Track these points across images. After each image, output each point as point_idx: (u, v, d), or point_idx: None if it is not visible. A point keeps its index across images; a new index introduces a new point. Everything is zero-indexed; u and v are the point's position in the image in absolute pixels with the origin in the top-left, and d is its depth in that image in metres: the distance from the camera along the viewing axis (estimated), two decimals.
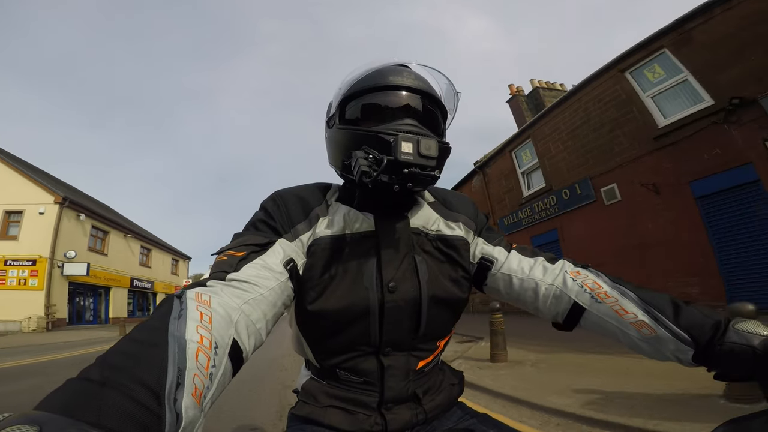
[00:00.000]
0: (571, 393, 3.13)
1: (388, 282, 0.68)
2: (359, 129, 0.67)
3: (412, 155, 0.61)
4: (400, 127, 0.65)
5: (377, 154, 0.62)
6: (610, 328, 0.64)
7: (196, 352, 0.38)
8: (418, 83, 0.70)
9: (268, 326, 0.56)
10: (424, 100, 0.70)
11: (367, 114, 0.70)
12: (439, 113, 0.73)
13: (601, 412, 2.63)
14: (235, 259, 0.58)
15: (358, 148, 0.65)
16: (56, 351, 8.29)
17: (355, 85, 0.70)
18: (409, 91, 0.69)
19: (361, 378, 0.69)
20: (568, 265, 0.73)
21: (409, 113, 0.69)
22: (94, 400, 0.28)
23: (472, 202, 0.85)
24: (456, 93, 0.74)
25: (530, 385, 3.56)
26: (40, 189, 15.88)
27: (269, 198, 0.73)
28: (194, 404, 0.35)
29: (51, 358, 7.16)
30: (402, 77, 0.69)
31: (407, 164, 0.61)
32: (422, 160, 0.62)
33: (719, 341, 0.54)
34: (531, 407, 3.04)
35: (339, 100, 0.72)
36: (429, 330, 0.71)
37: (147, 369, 0.33)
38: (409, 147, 0.61)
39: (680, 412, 2.40)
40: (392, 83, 0.68)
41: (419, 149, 0.61)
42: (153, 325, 0.40)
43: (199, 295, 0.47)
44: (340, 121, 0.72)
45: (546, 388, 3.36)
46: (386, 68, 0.71)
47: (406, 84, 0.69)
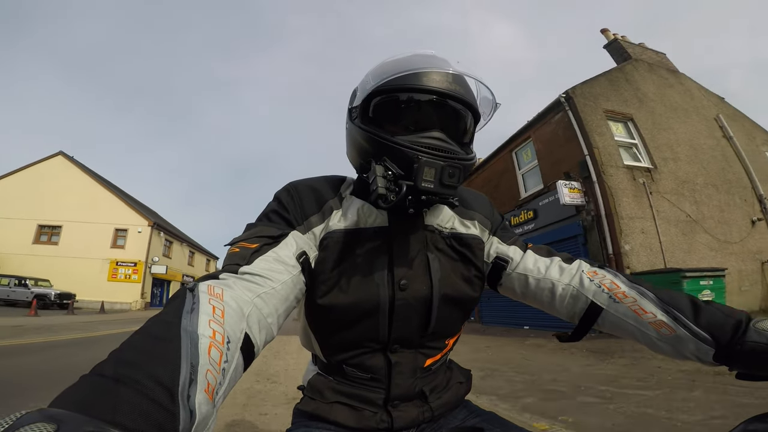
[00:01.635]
0: None
1: (399, 279, 0.66)
2: (381, 137, 0.63)
3: (433, 183, 0.59)
4: (427, 140, 0.62)
5: (397, 171, 0.60)
6: (629, 328, 0.63)
7: (209, 348, 0.38)
8: (455, 88, 0.64)
9: (279, 321, 0.56)
10: (459, 108, 0.65)
11: (394, 116, 0.65)
12: (472, 118, 0.68)
13: None
14: (248, 251, 0.58)
15: (378, 156, 0.63)
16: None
17: (387, 79, 0.63)
18: (444, 97, 0.63)
19: (368, 374, 0.68)
20: (585, 265, 0.72)
21: (439, 123, 0.65)
22: (108, 397, 0.28)
23: (489, 201, 0.83)
24: (496, 104, 0.70)
25: None
26: (138, 215, 23.13)
27: (283, 189, 0.71)
28: (207, 400, 0.34)
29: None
30: (439, 81, 0.63)
31: (427, 192, 0.59)
32: (443, 189, 0.60)
33: (740, 341, 0.53)
34: None
35: (366, 94, 0.66)
36: (438, 328, 0.70)
37: (160, 365, 0.33)
38: (431, 174, 0.59)
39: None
40: (428, 87, 0.63)
41: (442, 178, 0.59)
42: (166, 319, 0.40)
43: (212, 288, 0.46)
44: (363, 116, 0.67)
45: None
46: (424, 69, 0.63)
47: (442, 89, 0.63)
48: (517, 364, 5.11)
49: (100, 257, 21.95)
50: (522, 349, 6.61)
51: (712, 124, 11.00)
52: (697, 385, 3.42)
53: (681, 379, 3.69)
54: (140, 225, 23.08)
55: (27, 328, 8.77)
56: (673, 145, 9.61)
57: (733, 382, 3.12)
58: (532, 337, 8.36)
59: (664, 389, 3.40)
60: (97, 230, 22.18)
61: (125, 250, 22.47)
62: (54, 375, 3.93)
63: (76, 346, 6.39)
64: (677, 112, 10.56)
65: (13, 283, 17.05)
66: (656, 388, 3.42)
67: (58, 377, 3.75)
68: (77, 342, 6.98)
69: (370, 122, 0.67)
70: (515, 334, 9.20)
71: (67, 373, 3.11)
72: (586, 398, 3.27)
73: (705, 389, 3.26)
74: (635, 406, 2.95)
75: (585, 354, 5.60)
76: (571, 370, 4.52)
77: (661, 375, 3.93)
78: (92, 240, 21.84)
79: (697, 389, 3.27)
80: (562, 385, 3.78)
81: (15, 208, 21.39)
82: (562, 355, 5.72)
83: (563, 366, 4.82)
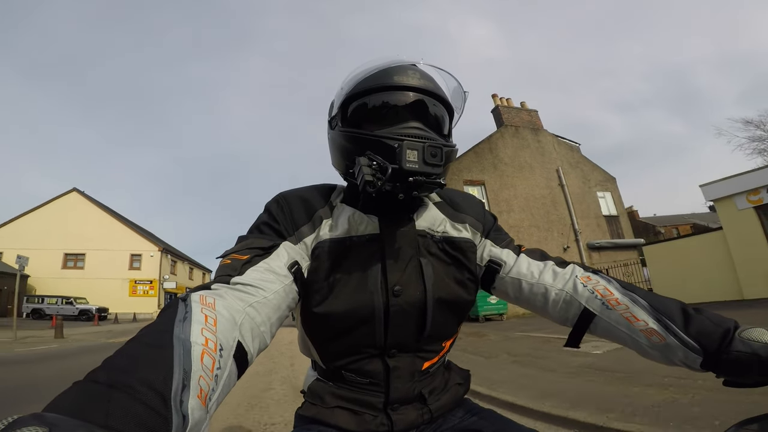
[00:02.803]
0: None
1: (393, 286, 0.67)
2: (362, 133, 0.65)
3: (417, 163, 0.60)
4: (405, 130, 0.64)
5: (381, 161, 0.60)
6: (621, 335, 0.64)
7: (201, 355, 0.38)
8: (424, 83, 0.67)
9: (272, 329, 0.55)
10: (431, 101, 0.68)
11: (370, 115, 0.67)
12: (446, 113, 0.71)
13: None
14: (239, 263, 0.58)
15: (361, 153, 0.63)
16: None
17: (358, 84, 0.67)
18: (415, 91, 0.66)
19: (367, 379, 0.69)
20: (579, 270, 0.72)
21: (414, 115, 0.66)
22: (101, 402, 0.29)
23: (480, 203, 0.83)
24: (464, 93, 0.72)
25: None
26: (149, 242, 28.16)
27: (273, 200, 0.72)
28: (200, 406, 0.35)
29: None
30: (408, 76, 0.66)
31: (412, 173, 0.60)
32: (428, 168, 0.60)
33: (726, 349, 0.54)
34: None
35: (341, 100, 0.69)
36: (434, 332, 0.70)
37: (153, 371, 0.33)
38: (414, 155, 0.59)
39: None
40: (397, 83, 0.66)
41: (424, 157, 0.60)
42: (158, 327, 0.40)
43: (204, 298, 0.47)
44: (343, 122, 0.70)
45: None
46: (391, 67, 0.67)
47: (412, 84, 0.66)
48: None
49: (120, 278, 26.86)
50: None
51: (552, 175, 16.75)
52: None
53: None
54: (152, 250, 28.12)
55: (102, 333, 13.16)
56: (510, 200, 14.97)
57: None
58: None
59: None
60: (116, 256, 27.07)
61: (141, 270, 27.46)
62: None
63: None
64: (523, 170, 16.10)
65: (61, 301, 21.97)
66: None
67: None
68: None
69: (349, 126, 0.69)
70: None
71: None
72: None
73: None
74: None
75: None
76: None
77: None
78: (112, 264, 26.71)
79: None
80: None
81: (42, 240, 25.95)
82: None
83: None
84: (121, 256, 27.29)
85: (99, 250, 26.84)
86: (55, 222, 26.87)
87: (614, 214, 17.36)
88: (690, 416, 2.46)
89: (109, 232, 27.48)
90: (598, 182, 17.99)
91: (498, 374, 4.30)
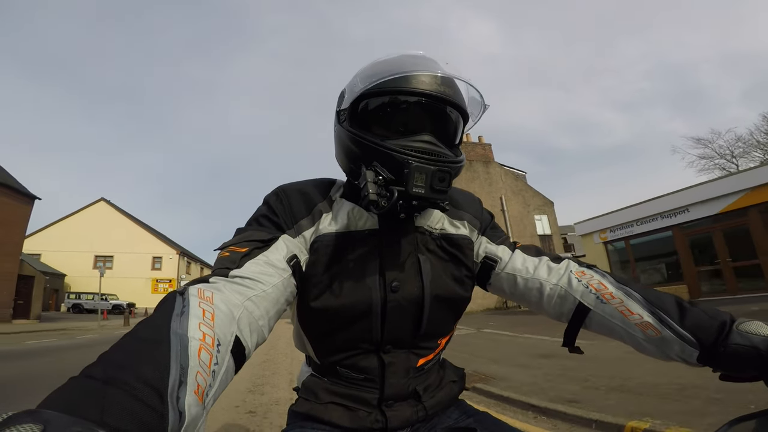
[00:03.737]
0: None
1: (391, 281, 0.67)
2: (371, 141, 0.63)
3: (423, 188, 0.59)
4: (417, 144, 0.62)
5: (387, 175, 0.60)
6: (616, 329, 0.63)
7: (199, 350, 0.38)
8: (445, 90, 0.64)
9: (270, 323, 0.55)
10: (449, 110, 0.66)
11: (382, 118, 0.65)
12: (462, 121, 0.69)
13: None
14: (237, 255, 0.58)
15: (368, 161, 0.62)
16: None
17: (376, 82, 0.63)
18: (435, 100, 0.63)
19: (362, 375, 0.69)
20: (573, 265, 0.72)
21: (429, 125, 0.65)
22: (97, 398, 0.28)
23: (478, 200, 0.83)
24: (485, 105, 0.70)
25: None
26: (168, 246, 32.61)
27: (272, 193, 0.71)
28: (197, 402, 0.34)
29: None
30: (429, 84, 0.63)
31: (418, 198, 0.59)
32: (434, 195, 0.60)
33: (723, 343, 0.53)
34: None
35: (355, 97, 0.65)
36: (430, 329, 0.70)
37: (150, 367, 0.33)
38: (422, 179, 0.58)
39: None
40: (418, 90, 0.62)
41: (432, 183, 0.59)
42: (155, 322, 0.39)
43: (202, 292, 0.46)
44: (352, 118, 0.67)
45: None
46: (413, 71, 0.63)
47: (432, 92, 0.62)
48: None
49: (143, 277, 31.35)
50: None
51: (496, 202, 20.78)
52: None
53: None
54: (171, 253, 32.70)
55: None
56: None
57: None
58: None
59: None
60: (140, 258, 31.57)
61: (161, 271, 32.02)
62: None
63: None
64: None
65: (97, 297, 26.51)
66: None
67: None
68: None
69: (359, 125, 0.66)
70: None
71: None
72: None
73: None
74: None
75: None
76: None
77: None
78: (137, 265, 31.20)
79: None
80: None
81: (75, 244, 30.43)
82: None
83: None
84: (145, 258, 31.83)
85: (125, 253, 31.37)
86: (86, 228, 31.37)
87: (548, 233, 21.49)
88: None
89: (134, 237, 32.01)
90: (537, 206, 22.06)
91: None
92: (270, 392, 4.25)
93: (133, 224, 32.97)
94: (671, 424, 2.37)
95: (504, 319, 11.14)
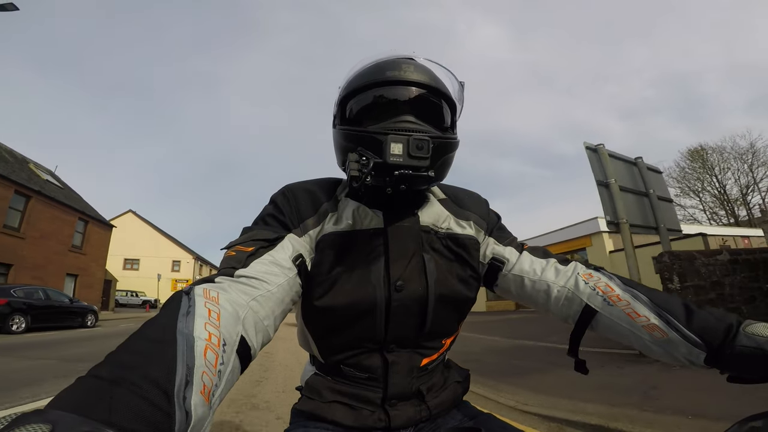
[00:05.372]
0: None
1: (395, 280, 0.67)
2: (354, 129, 0.66)
3: (401, 156, 0.59)
4: (397, 124, 0.64)
5: (371, 155, 0.61)
6: (623, 331, 0.63)
7: (205, 350, 0.38)
8: (418, 75, 0.66)
9: (276, 323, 0.56)
10: (427, 93, 0.67)
11: (365, 112, 0.68)
12: (447, 105, 0.70)
13: None
14: (243, 255, 0.58)
15: (355, 150, 0.64)
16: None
17: (353, 81, 0.69)
18: (408, 84, 0.66)
19: (366, 374, 0.69)
20: (580, 267, 0.72)
21: (409, 109, 0.66)
22: (104, 398, 0.29)
23: (485, 201, 0.83)
24: (460, 83, 0.71)
25: None
26: (186, 252, 38.50)
27: (279, 192, 0.73)
28: (203, 402, 0.35)
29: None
30: (401, 70, 0.66)
31: (397, 166, 0.59)
32: (413, 161, 0.60)
33: (730, 345, 0.53)
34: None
35: (339, 99, 0.70)
36: (434, 328, 0.70)
37: (156, 367, 0.33)
38: (398, 148, 0.59)
39: None
40: (391, 78, 0.66)
41: (409, 150, 0.59)
42: (162, 322, 0.40)
43: (207, 292, 0.47)
44: (342, 120, 0.71)
45: None
46: (384, 62, 0.68)
47: (405, 77, 0.66)
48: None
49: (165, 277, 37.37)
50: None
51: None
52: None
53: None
54: (188, 258, 38.62)
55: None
56: None
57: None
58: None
59: None
60: (162, 262, 37.66)
61: (180, 273, 38.01)
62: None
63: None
64: None
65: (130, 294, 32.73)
66: None
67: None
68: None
69: (349, 123, 0.69)
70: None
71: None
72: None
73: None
74: None
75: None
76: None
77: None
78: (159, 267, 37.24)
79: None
80: None
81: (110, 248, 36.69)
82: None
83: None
84: (165, 262, 37.98)
85: (149, 257, 37.55)
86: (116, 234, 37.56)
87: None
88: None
89: (157, 243, 38.01)
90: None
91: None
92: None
93: (157, 233, 39.10)
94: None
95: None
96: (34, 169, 18.78)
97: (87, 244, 20.74)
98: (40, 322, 10.77)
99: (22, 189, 15.57)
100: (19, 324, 9.95)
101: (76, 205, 20.02)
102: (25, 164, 18.42)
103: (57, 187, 20.07)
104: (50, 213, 17.35)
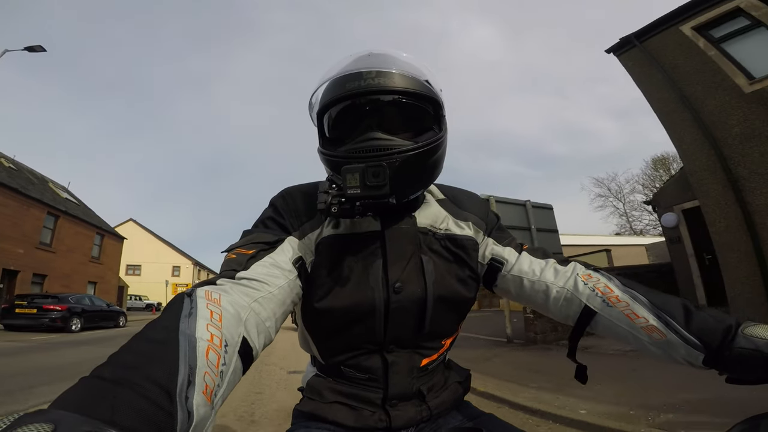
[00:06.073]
0: None
1: (394, 282, 0.67)
2: (325, 153, 0.67)
3: (358, 188, 0.59)
4: (363, 144, 0.63)
5: (341, 183, 0.61)
6: (621, 332, 0.64)
7: (207, 351, 0.38)
8: (380, 81, 0.64)
9: (277, 324, 0.57)
10: (394, 99, 0.65)
11: (337, 130, 0.68)
12: (421, 102, 0.67)
13: None
14: (244, 257, 0.59)
15: (332, 173, 0.66)
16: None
17: (321, 98, 0.68)
18: (370, 94, 0.64)
19: (366, 375, 0.69)
20: (580, 267, 0.72)
21: (376, 123, 0.65)
22: (107, 398, 0.29)
23: (484, 201, 0.83)
24: (425, 66, 0.70)
25: None
26: (185, 258, 41.08)
27: (278, 195, 0.73)
28: (205, 402, 0.35)
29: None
30: (361, 80, 0.64)
31: (355, 198, 0.60)
32: (370, 191, 0.59)
33: (728, 346, 0.54)
34: None
35: (315, 115, 0.70)
36: (433, 329, 0.70)
37: (159, 367, 0.34)
38: (354, 179, 0.59)
39: None
40: (350, 92, 0.64)
41: (366, 180, 0.59)
42: (164, 323, 0.40)
43: (209, 294, 0.47)
44: (321, 136, 0.71)
45: None
46: (346, 74, 0.65)
47: (366, 88, 0.63)
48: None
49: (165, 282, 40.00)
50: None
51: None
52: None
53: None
54: (187, 264, 41.21)
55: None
56: None
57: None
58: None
59: None
60: (162, 267, 40.07)
61: (180, 277, 40.49)
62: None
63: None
64: None
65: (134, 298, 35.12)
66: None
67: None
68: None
69: (329, 142, 0.69)
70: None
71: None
72: None
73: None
74: None
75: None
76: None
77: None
78: (160, 272, 39.64)
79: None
80: None
81: None
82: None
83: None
84: (166, 267, 40.40)
85: (150, 263, 39.92)
86: None
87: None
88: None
89: (157, 250, 40.48)
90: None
91: None
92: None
93: (157, 240, 41.50)
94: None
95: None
96: (54, 188, 21.21)
97: (103, 254, 23.64)
98: (89, 323, 13.19)
99: (53, 210, 18.22)
100: (76, 325, 12.40)
101: (93, 221, 22.76)
102: (46, 183, 20.87)
103: (75, 204, 22.59)
104: (74, 229, 20.10)
